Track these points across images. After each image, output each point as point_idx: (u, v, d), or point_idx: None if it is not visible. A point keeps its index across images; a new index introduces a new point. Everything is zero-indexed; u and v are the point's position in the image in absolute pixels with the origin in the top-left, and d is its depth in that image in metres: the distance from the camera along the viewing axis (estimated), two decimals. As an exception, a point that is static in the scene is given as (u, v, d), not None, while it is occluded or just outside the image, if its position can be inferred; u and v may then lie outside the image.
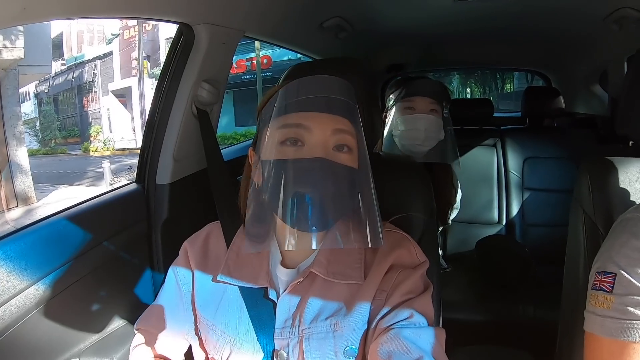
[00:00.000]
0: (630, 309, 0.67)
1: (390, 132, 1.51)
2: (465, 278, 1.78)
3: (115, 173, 10.30)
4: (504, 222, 2.08)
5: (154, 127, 1.14)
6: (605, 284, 0.70)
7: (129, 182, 1.21)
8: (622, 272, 0.69)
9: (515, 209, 2.07)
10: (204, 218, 0.91)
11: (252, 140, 0.83)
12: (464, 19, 1.72)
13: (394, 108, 1.50)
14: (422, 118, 1.44)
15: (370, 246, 0.68)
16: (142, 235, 1.13)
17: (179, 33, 1.11)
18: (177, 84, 1.10)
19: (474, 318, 1.60)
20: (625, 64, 1.92)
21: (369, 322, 0.70)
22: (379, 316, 0.69)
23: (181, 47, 1.10)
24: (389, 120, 1.51)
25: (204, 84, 1.10)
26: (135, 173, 1.19)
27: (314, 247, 0.68)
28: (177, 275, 0.83)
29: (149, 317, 0.84)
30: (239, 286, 0.77)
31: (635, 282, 0.67)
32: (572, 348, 0.92)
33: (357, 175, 0.70)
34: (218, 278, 0.77)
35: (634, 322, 0.66)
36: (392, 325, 0.66)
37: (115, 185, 1.25)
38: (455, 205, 1.70)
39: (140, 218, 1.13)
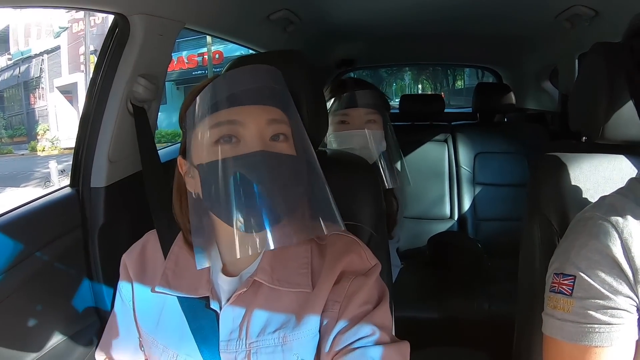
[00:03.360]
0: (590, 312, 0.65)
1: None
2: (417, 275, 1.78)
3: (61, 174, 9.75)
4: (455, 217, 2.11)
5: (88, 126, 1.06)
6: (564, 287, 0.68)
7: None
8: (582, 274, 0.67)
9: (467, 204, 2.11)
10: (144, 223, 0.86)
11: None
12: (416, 15, 1.72)
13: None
14: (356, 135, 1.32)
15: (326, 233, 0.65)
16: (78, 243, 1.05)
17: (114, 24, 1.04)
18: (111, 79, 1.03)
19: (428, 315, 1.59)
20: (576, 61, 1.98)
21: (323, 334, 0.67)
22: (335, 330, 0.65)
23: (116, 39, 1.03)
24: None
25: (140, 79, 1.03)
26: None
27: (270, 246, 0.62)
28: (121, 293, 0.78)
29: (106, 343, 0.80)
30: (177, 297, 0.72)
31: (596, 284, 0.65)
32: (530, 350, 0.92)
33: (301, 162, 0.67)
34: (156, 289, 0.73)
35: (595, 326, 0.65)
36: (353, 343, 0.63)
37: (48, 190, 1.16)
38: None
39: (75, 225, 1.05)
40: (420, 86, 20.08)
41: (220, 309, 0.70)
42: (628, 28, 0.66)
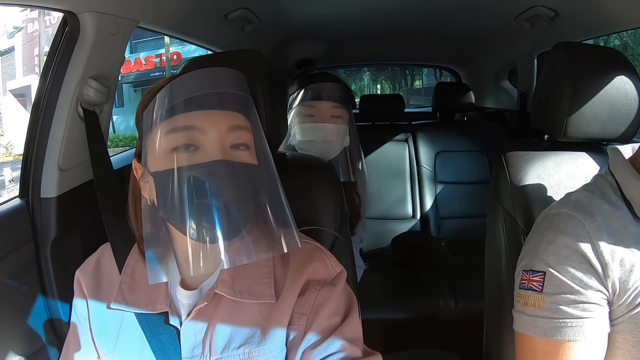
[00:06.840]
0: (562, 307, 0.66)
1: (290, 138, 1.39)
2: (382, 275, 1.77)
3: (10, 183, 9.29)
4: (418, 217, 2.12)
5: (36, 132, 0.99)
6: (534, 283, 0.69)
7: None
8: (552, 270, 0.67)
9: (428, 203, 2.12)
10: (99, 235, 0.82)
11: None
12: (375, 14, 1.72)
13: (293, 112, 1.38)
14: (320, 128, 1.32)
15: (286, 251, 0.62)
16: (29, 258, 0.99)
17: (63, 23, 0.98)
18: (60, 81, 0.97)
19: (395, 316, 1.59)
20: (535, 60, 2.04)
21: (291, 349, 0.65)
22: (303, 345, 0.63)
23: (65, 39, 0.97)
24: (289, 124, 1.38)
25: (91, 82, 0.98)
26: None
27: (225, 265, 0.60)
28: (76, 311, 0.74)
29: None
30: (135, 313, 0.68)
31: (566, 280, 0.66)
32: (500, 348, 0.92)
33: (262, 172, 0.64)
34: (112, 306, 0.68)
35: (567, 320, 0.65)
36: (325, 359, 0.61)
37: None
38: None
39: (26, 239, 0.99)
40: (379, 86, 20.32)
41: (181, 324, 0.66)
42: None
